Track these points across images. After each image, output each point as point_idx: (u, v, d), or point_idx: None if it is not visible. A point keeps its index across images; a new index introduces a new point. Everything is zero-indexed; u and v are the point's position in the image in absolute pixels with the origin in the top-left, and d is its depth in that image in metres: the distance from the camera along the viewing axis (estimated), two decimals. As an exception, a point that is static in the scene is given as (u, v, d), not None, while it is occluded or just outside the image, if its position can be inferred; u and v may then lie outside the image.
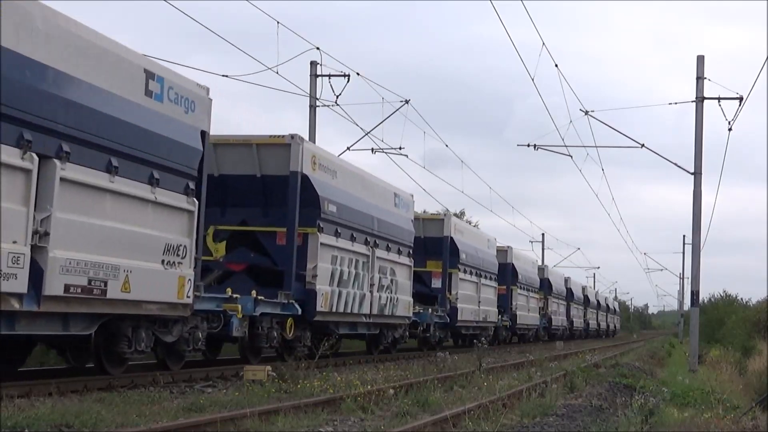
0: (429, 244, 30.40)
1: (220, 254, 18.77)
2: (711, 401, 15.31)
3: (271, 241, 18.78)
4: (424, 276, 30.12)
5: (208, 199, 15.76)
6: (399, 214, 24.96)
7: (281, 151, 18.55)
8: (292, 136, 18.47)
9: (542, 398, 14.40)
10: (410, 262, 25.71)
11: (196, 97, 14.51)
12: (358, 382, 14.17)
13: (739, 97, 26.44)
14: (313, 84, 27.65)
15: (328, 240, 19.67)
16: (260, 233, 18.95)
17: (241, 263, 19.08)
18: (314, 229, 19.07)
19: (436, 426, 10.66)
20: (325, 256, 19.59)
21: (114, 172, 12.31)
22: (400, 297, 24.57)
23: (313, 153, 19.23)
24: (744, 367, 31.41)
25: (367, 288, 22.07)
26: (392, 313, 23.96)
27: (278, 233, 18.56)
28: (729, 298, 63.25)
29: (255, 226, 19.00)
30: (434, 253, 30.39)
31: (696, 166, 26.98)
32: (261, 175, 18.76)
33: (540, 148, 30.92)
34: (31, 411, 9.71)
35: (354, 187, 21.59)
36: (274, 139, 18.62)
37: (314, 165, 19.13)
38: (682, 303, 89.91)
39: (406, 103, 29.39)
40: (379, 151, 30.51)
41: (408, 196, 26.12)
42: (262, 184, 18.80)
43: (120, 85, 12.48)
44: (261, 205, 18.93)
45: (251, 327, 17.10)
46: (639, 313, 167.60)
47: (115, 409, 10.49)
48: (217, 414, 10.24)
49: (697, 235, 27.16)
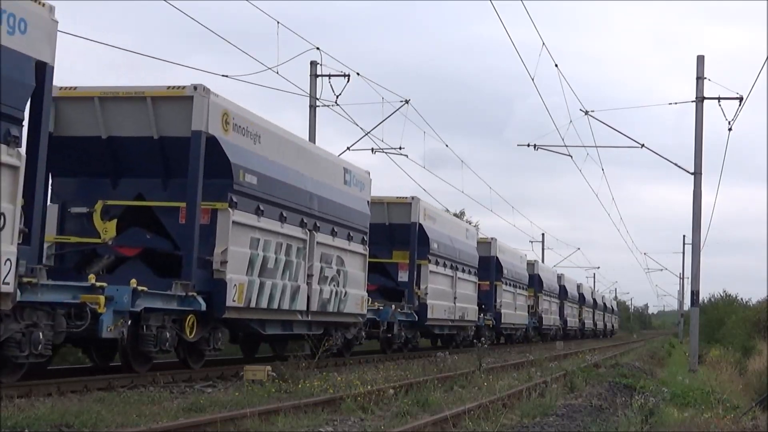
0: (395, 231, 26.81)
1: (110, 236, 15.34)
2: (711, 401, 15.31)
3: (172, 220, 15.26)
4: (389, 268, 26.83)
5: (94, 167, 14.88)
6: (350, 194, 21.23)
7: (182, 106, 14.88)
8: (195, 87, 14.82)
9: (542, 398, 14.41)
10: (364, 251, 22.07)
11: (31, 15, 11.37)
12: (358, 382, 14.18)
13: (739, 97, 26.48)
14: (313, 84, 27.66)
15: (244, 218, 15.94)
16: (159, 209, 15.45)
17: (135, 247, 15.62)
18: (225, 204, 15.37)
19: (436, 426, 10.66)
20: (241, 239, 15.84)
21: None
22: (351, 291, 20.89)
23: (224, 109, 15.34)
24: (744, 367, 31.40)
25: (303, 279, 18.38)
26: (340, 309, 20.26)
27: (181, 209, 15.04)
28: (729, 298, 63.23)
29: (152, 201, 15.54)
30: (401, 242, 26.73)
31: (696, 166, 27.00)
32: (159, 137, 15.20)
33: (540, 148, 30.97)
34: (31, 411, 9.72)
35: (285, 156, 17.74)
36: (173, 92, 15.00)
37: (226, 125, 15.37)
38: (682, 303, 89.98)
39: (406, 103, 29.42)
40: (379, 151, 30.54)
41: (363, 173, 22.39)
42: (160, 148, 15.25)
43: None
44: (160, 175, 15.45)
45: (135, 326, 13.67)
46: (639, 313, 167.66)
47: (115, 409, 10.49)
48: (217, 414, 10.24)
49: (697, 235, 27.17)
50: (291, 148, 18.18)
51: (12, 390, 11.36)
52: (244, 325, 16.88)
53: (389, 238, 26.65)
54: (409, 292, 26.51)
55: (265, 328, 17.37)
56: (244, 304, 15.88)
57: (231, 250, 15.40)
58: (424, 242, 27.19)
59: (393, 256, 26.80)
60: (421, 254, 27.06)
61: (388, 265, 26.82)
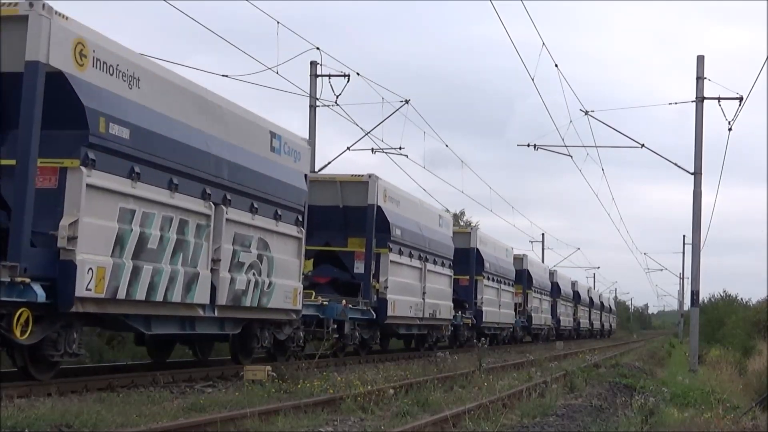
0: (350, 214, 23.19)
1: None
2: (711, 401, 15.31)
3: (4, 183, 11.98)
4: (344, 257, 23.21)
5: None
6: (279, 164, 17.51)
7: (14, 28, 11.57)
8: (31, 4, 11.43)
9: (542, 398, 14.41)
10: (299, 233, 18.29)
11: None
12: (358, 382, 14.18)
13: (739, 97, 26.48)
14: (313, 84, 27.67)
15: (109, 182, 12.36)
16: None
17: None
18: (75, 161, 11.84)
19: (436, 426, 10.67)
20: (103, 209, 12.27)
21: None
22: (279, 281, 17.17)
23: (79, 38, 12.00)
24: (744, 367, 31.39)
25: (206, 265, 14.66)
26: (262, 304, 16.52)
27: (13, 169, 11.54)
28: (729, 298, 63.19)
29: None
30: (357, 228, 23.03)
31: (696, 166, 27.00)
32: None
33: (540, 148, 30.96)
34: (31, 411, 9.72)
35: (179, 108, 14.19)
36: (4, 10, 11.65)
37: (81, 57, 11.99)
38: (682, 303, 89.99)
39: (406, 103, 29.41)
40: (379, 151, 30.54)
41: (298, 140, 18.82)
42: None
43: None
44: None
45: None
46: (639, 313, 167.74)
47: (115, 409, 10.50)
48: (217, 414, 10.25)
49: (697, 235, 27.17)
50: (189, 99, 14.45)
51: (12, 390, 11.36)
52: (115, 323, 13.60)
53: (344, 223, 23.22)
54: (366, 286, 22.88)
55: (151, 326, 13.81)
56: (108, 295, 12.23)
57: (84, 222, 11.78)
58: (385, 228, 23.34)
59: (348, 243, 23.18)
60: (381, 242, 23.26)
61: (342, 254, 23.22)
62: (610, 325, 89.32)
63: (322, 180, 23.26)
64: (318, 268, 22.61)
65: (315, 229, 21.33)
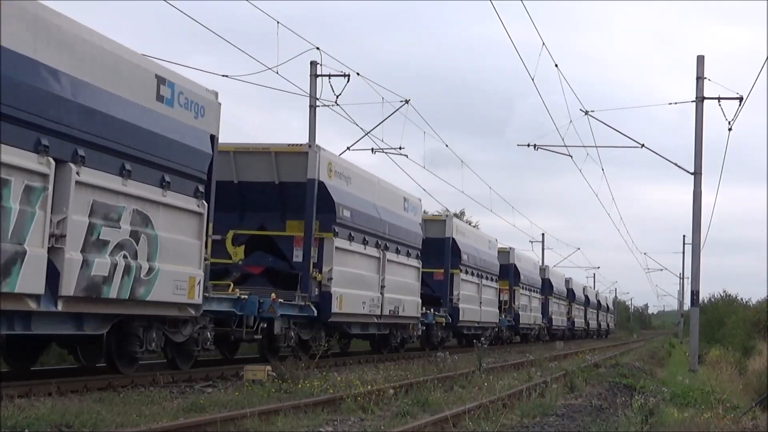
0: (288, 192, 19.69)
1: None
2: (711, 401, 15.31)
3: None
4: (281, 244, 19.81)
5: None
6: (167, 117, 13.98)
7: None
8: None
9: (542, 398, 14.41)
10: (200, 208, 14.70)
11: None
12: (358, 382, 14.18)
13: (739, 97, 26.46)
14: (313, 84, 27.64)
15: None
16: None
17: None
18: None
19: (436, 426, 10.67)
20: None
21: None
22: (166, 268, 13.64)
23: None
24: (744, 367, 31.38)
25: (39, 242, 11.09)
26: (136, 296, 12.96)
27: None
28: (729, 298, 63.19)
29: None
30: (297, 209, 19.38)
31: (696, 166, 26.99)
32: None
33: (540, 148, 30.91)
34: (31, 411, 9.72)
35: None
36: None
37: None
38: (682, 303, 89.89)
39: (406, 103, 29.38)
40: (379, 151, 30.50)
41: (203, 92, 15.13)
42: None
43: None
44: None
45: None
46: (639, 313, 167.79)
47: (115, 409, 10.50)
48: (217, 414, 10.25)
49: (697, 235, 27.16)
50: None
51: (12, 390, 11.36)
52: None
53: (281, 203, 19.82)
54: (305, 277, 19.16)
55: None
56: None
57: None
58: (329, 208, 19.69)
59: (286, 227, 19.83)
60: (325, 224, 19.63)
61: (279, 239, 19.80)
62: (608, 324, 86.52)
63: (253, 150, 19.56)
64: (250, 257, 19.80)
65: (247, 210, 19.83)
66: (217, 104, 15.48)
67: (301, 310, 18.87)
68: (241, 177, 19.68)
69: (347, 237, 20.76)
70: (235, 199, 19.77)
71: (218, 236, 17.07)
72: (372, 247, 22.50)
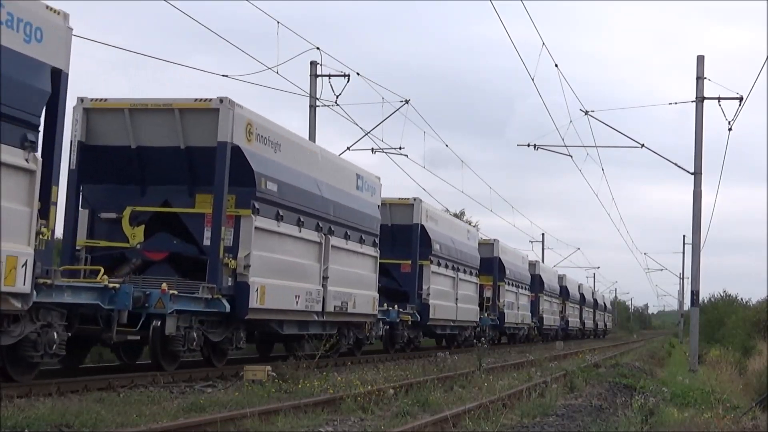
0: (197, 160, 15.93)
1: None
2: (711, 401, 15.31)
3: None
4: (191, 224, 16.09)
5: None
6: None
7: None
8: None
9: (542, 398, 14.41)
10: (30, 164, 11.34)
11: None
12: (358, 382, 14.18)
13: (739, 97, 26.49)
14: (313, 84, 27.67)
15: None
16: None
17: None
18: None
19: (436, 426, 10.67)
20: None
21: None
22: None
23: None
24: (744, 367, 31.38)
25: None
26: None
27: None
28: (729, 298, 63.22)
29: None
30: (207, 181, 15.82)
31: (696, 166, 27.00)
32: None
33: (540, 148, 30.97)
34: (31, 411, 9.72)
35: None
36: None
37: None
38: (682, 303, 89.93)
39: (406, 103, 29.41)
40: (379, 151, 30.53)
41: (37, 6, 11.54)
42: None
43: None
44: None
45: None
46: (639, 313, 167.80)
47: (115, 409, 10.50)
48: (217, 414, 10.25)
49: (697, 235, 27.18)
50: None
51: (12, 390, 11.36)
52: None
53: (189, 173, 16.11)
54: (214, 264, 15.48)
55: None
56: None
57: None
58: (247, 179, 16.09)
59: (196, 202, 16.17)
60: (243, 200, 16.14)
61: (187, 217, 16.13)
62: (605, 324, 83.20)
63: (153, 108, 16.06)
64: (151, 239, 16.15)
65: (148, 183, 16.33)
66: (66, 29, 12.02)
67: (207, 304, 15.12)
68: (139, 141, 16.07)
69: (274, 216, 17.00)
70: (133, 168, 16.23)
71: (112, 214, 15.97)
72: (310, 230, 18.63)
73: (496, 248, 39.13)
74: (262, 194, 16.54)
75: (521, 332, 43.92)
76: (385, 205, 25.96)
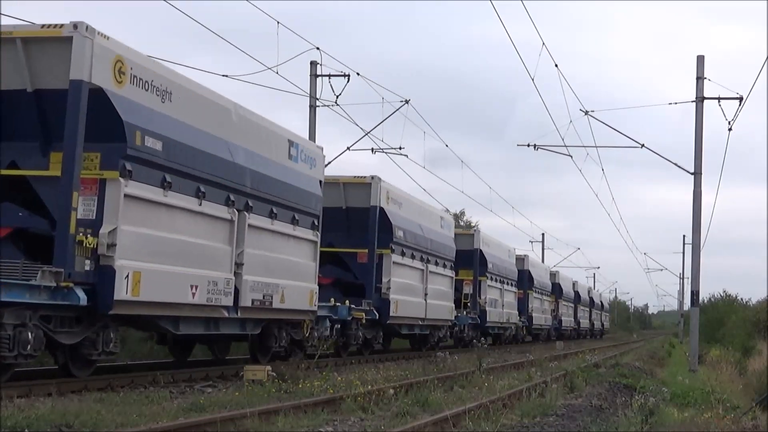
0: (52, 111, 12.51)
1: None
2: (711, 401, 15.32)
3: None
4: (42, 191, 12.70)
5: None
6: None
7: None
8: None
9: (542, 398, 14.40)
10: None
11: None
12: (358, 382, 14.17)
13: (739, 97, 26.49)
14: (313, 84, 27.66)
15: None
16: None
17: None
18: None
19: (436, 426, 10.66)
20: None
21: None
22: None
23: None
24: (744, 367, 31.41)
25: None
26: None
27: None
28: (729, 298, 63.27)
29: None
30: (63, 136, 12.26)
31: (696, 166, 27.00)
32: None
33: (540, 148, 30.95)
34: (31, 411, 9.71)
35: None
36: None
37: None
38: (682, 303, 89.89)
39: (406, 103, 29.39)
40: (379, 151, 30.49)
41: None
42: None
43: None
44: None
45: None
46: (639, 313, 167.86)
47: (115, 409, 10.49)
48: (217, 414, 10.24)
49: (697, 235, 27.17)
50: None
51: (12, 390, 11.36)
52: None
53: (42, 127, 12.73)
54: (62, 242, 11.95)
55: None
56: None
57: None
58: (115, 133, 12.56)
59: (50, 163, 12.68)
60: (109, 159, 12.61)
61: (39, 183, 12.67)
62: (602, 324, 79.70)
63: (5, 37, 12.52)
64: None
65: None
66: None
67: (51, 295, 11.73)
68: None
69: (158, 183, 13.47)
70: None
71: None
72: (217, 204, 15.11)
73: (476, 239, 35.35)
74: (138, 153, 12.87)
75: (507, 332, 40.78)
76: (338, 185, 23.10)
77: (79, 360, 13.08)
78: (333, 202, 22.17)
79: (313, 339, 19.15)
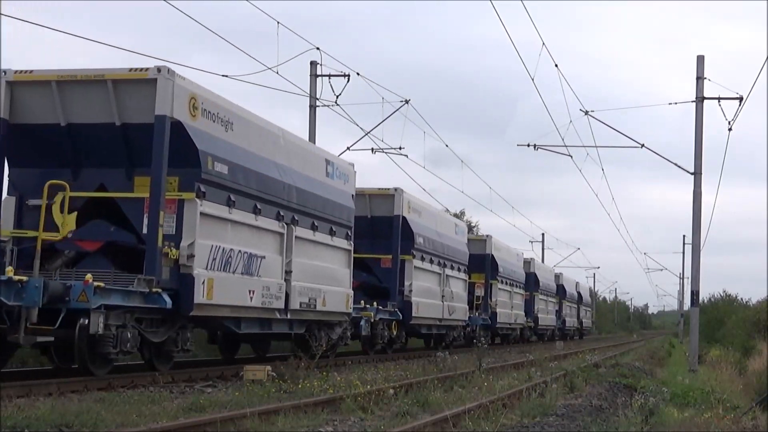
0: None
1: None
2: (711, 401, 15.32)
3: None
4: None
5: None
6: None
7: None
8: None
9: (542, 398, 14.40)
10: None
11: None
12: (358, 382, 14.17)
13: (739, 97, 26.48)
14: (313, 84, 27.67)
15: None
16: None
17: None
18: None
19: (436, 426, 10.66)
20: None
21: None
22: None
23: None
24: (744, 367, 31.41)
25: None
26: None
27: None
28: (729, 298, 63.31)
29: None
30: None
31: (696, 166, 26.99)
32: None
33: (540, 148, 30.95)
34: (31, 411, 9.71)
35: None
36: None
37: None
38: (682, 303, 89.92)
39: (406, 103, 29.42)
40: (379, 151, 30.54)
41: None
42: None
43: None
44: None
45: None
46: (639, 313, 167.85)
47: (115, 409, 10.49)
48: (217, 414, 10.24)
49: (697, 235, 27.16)
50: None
51: (12, 390, 11.36)
52: None
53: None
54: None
55: None
56: None
57: None
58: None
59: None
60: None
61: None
62: (582, 322, 68.35)
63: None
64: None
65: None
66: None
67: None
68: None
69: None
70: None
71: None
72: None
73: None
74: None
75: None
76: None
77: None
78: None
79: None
